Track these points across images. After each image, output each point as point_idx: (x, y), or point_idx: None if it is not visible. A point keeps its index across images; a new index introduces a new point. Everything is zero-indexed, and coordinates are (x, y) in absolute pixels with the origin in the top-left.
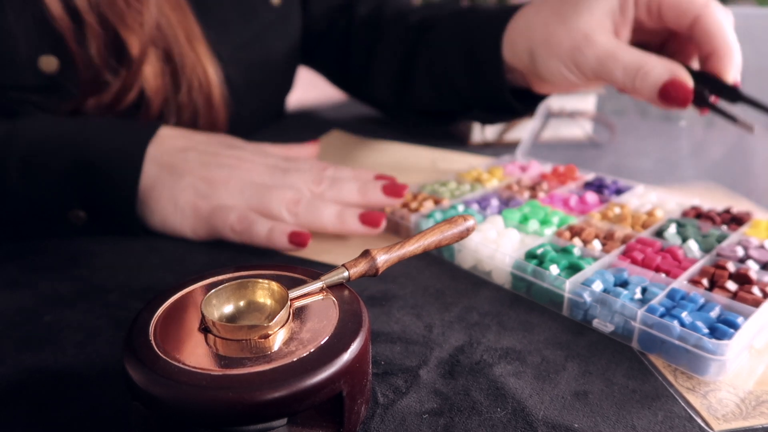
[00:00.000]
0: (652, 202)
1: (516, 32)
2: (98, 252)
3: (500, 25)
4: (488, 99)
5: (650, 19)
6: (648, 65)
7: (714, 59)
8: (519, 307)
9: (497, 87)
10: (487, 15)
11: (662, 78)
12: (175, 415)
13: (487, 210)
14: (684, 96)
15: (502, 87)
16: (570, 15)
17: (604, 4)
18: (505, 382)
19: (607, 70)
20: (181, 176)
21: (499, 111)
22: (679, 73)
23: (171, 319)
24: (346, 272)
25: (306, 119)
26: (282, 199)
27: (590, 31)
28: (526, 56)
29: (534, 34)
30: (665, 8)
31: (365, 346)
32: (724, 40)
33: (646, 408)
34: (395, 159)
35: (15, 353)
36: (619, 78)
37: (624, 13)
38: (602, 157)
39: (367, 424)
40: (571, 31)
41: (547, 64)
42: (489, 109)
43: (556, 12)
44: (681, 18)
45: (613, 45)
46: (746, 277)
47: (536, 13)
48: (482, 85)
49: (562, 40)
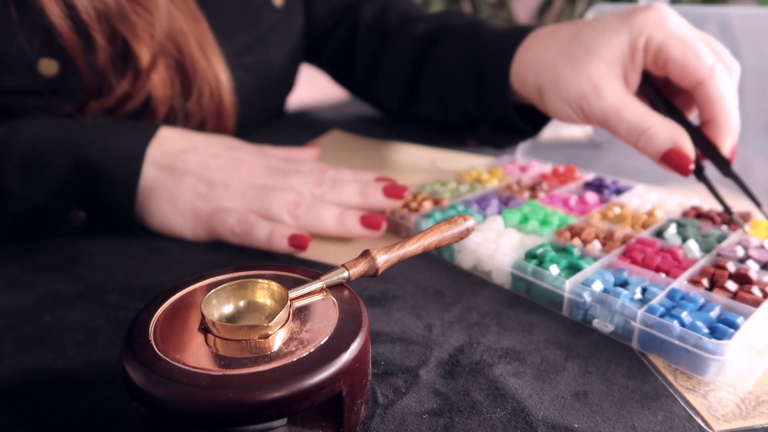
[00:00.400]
0: (652, 202)
1: (524, 66)
2: (98, 252)
3: (509, 53)
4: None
5: (656, 70)
6: (652, 129)
7: (712, 127)
8: (519, 307)
9: (504, 113)
10: (495, 38)
11: (665, 146)
12: (174, 416)
13: (487, 210)
14: (684, 166)
15: (509, 111)
16: (580, 59)
17: (614, 51)
18: (505, 382)
19: (612, 125)
20: (181, 178)
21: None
22: (682, 143)
23: (171, 319)
24: (346, 272)
25: (306, 119)
26: (283, 202)
27: (599, 80)
28: (535, 91)
29: (543, 72)
30: (671, 65)
31: (365, 346)
32: (725, 111)
33: (646, 408)
34: (395, 159)
35: (15, 353)
36: (623, 135)
37: (633, 59)
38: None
39: (367, 424)
40: (580, 76)
41: (554, 104)
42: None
43: (566, 53)
44: (685, 79)
45: (619, 101)
46: (746, 277)
47: (545, 48)
48: (489, 108)
49: (571, 85)
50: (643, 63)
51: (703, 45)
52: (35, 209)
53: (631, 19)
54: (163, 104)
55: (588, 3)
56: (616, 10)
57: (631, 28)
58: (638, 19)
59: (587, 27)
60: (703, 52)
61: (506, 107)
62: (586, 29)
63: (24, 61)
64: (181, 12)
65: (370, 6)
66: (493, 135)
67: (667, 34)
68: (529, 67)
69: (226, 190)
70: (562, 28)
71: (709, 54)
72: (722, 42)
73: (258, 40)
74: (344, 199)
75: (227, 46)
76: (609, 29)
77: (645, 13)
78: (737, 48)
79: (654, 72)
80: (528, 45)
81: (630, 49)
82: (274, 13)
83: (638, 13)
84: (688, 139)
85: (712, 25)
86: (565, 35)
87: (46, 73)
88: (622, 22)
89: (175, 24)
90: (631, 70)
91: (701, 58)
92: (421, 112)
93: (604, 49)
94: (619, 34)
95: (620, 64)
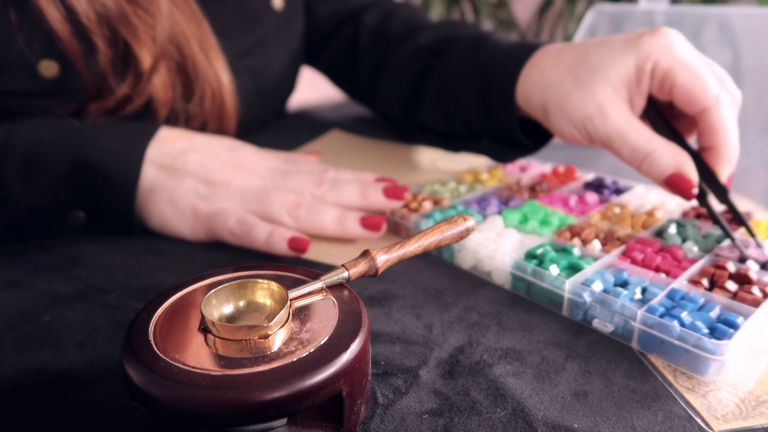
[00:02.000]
0: (652, 202)
1: (530, 85)
2: (98, 252)
3: (515, 70)
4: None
5: (661, 94)
6: (656, 153)
7: (712, 154)
8: (519, 307)
9: (508, 128)
10: (501, 54)
11: (668, 170)
12: (174, 416)
13: (486, 210)
14: (687, 190)
15: (513, 128)
16: (587, 81)
17: (621, 74)
18: (505, 382)
19: (616, 147)
20: (181, 178)
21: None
22: (685, 168)
23: (171, 319)
24: (345, 272)
25: (306, 119)
26: (283, 203)
27: (605, 102)
28: (540, 110)
29: (549, 92)
30: (677, 91)
31: (365, 346)
32: (727, 139)
33: (646, 408)
34: (395, 159)
35: (15, 353)
36: (626, 157)
37: (640, 83)
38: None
39: (366, 424)
40: (586, 98)
41: (559, 124)
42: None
43: (572, 74)
44: (690, 105)
45: (624, 123)
46: (746, 277)
47: (553, 68)
48: (493, 122)
49: (576, 107)
50: (649, 87)
51: (709, 72)
52: (35, 209)
53: (639, 43)
54: (164, 106)
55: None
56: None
57: (638, 53)
58: (646, 44)
59: (594, 48)
60: (709, 80)
61: (510, 123)
62: (593, 51)
63: (24, 62)
64: (183, 14)
65: (372, 12)
66: (495, 148)
67: (674, 60)
68: (536, 85)
69: (226, 191)
70: (570, 48)
71: (715, 82)
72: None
73: (258, 43)
74: (344, 200)
75: (228, 49)
76: (616, 52)
77: (652, 38)
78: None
79: (659, 97)
80: (535, 63)
81: (636, 73)
82: (275, 16)
83: (646, 38)
84: (692, 164)
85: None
86: (573, 56)
87: (47, 74)
88: (629, 45)
89: (176, 26)
90: (636, 94)
91: (707, 86)
92: (424, 121)
93: (611, 72)
94: (626, 57)
95: (626, 88)
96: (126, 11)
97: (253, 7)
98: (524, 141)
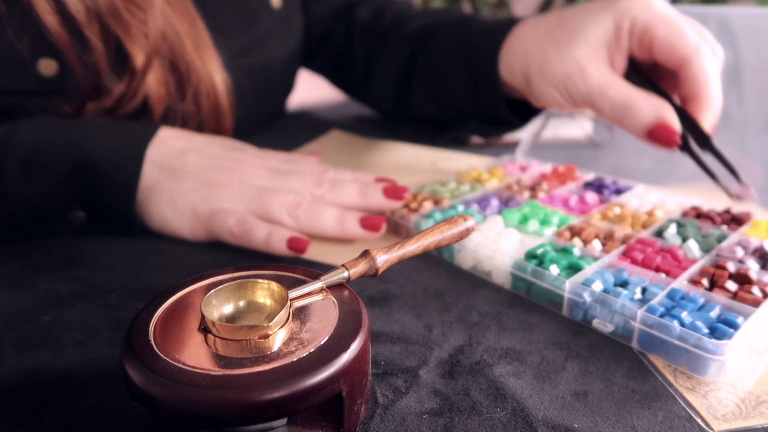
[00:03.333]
0: (652, 202)
1: (512, 53)
2: (98, 252)
3: (497, 43)
4: (485, 113)
5: (641, 52)
6: (635, 105)
7: (694, 103)
8: (519, 307)
9: (494, 103)
10: (485, 30)
11: (648, 120)
12: (174, 416)
13: (487, 210)
14: (669, 139)
15: (499, 103)
16: (566, 42)
17: (600, 33)
18: (505, 382)
19: (597, 104)
20: (181, 178)
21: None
22: (666, 116)
23: (171, 319)
24: (345, 272)
25: (306, 119)
26: (282, 203)
27: (584, 62)
28: (522, 78)
29: (530, 58)
30: (656, 45)
31: (365, 346)
32: (708, 87)
33: (646, 408)
34: (395, 159)
35: (15, 353)
36: (608, 113)
37: (619, 41)
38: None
39: (366, 424)
40: (565, 59)
41: (541, 89)
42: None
43: (552, 37)
44: (670, 57)
45: (604, 80)
46: (746, 277)
47: (533, 35)
48: (480, 100)
49: (556, 68)
50: (629, 45)
51: (687, 25)
52: (35, 209)
53: (616, 3)
54: (159, 104)
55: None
56: None
57: (615, 11)
58: (623, 2)
59: (573, 12)
60: (688, 31)
61: (496, 97)
62: (571, 14)
63: (23, 61)
64: (175, 12)
65: (365, 6)
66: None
67: (651, 14)
68: (516, 54)
69: (225, 191)
70: (550, 15)
71: (694, 34)
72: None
73: (256, 42)
74: (344, 200)
75: (225, 48)
76: (594, 13)
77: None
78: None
79: (639, 56)
80: (516, 34)
81: (615, 30)
82: (273, 15)
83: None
84: (673, 112)
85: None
86: (552, 22)
87: (46, 73)
88: (606, 5)
89: (169, 23)
90: (616, 53)
91: (686, 37)
92: (415, 110)
93: (589, 32)
94: (604, 16)
95: (605, 47)
96: (117, 6)
97: (251, 6)
98: (510, 117)
